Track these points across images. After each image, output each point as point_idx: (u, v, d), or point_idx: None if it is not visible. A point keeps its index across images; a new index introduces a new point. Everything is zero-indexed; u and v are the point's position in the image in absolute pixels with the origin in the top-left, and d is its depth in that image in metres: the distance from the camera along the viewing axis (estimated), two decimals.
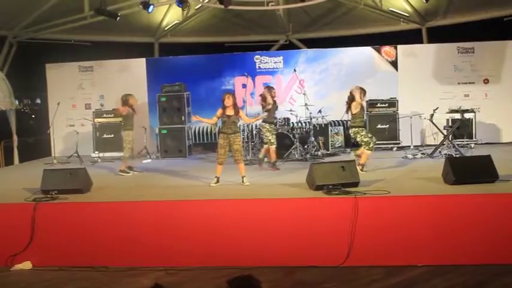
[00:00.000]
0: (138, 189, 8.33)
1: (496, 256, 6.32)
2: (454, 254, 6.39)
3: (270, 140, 9.97)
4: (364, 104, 9.58)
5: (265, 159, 10.21)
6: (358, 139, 9.27)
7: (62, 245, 6.93)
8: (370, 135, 9.38)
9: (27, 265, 6.88)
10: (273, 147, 9.98)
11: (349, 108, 9.28)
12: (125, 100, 10.08)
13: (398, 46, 13.38)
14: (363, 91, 9.24)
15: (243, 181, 8.42)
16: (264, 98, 10.21)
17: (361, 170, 8.74)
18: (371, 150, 9.17)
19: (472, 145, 11.90)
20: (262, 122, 10.08)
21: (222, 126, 8.55)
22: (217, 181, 8.44)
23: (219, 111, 8.48)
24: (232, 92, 9.55)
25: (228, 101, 8.40)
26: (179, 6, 12.74)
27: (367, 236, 6.51)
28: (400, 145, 12.36)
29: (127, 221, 6.96)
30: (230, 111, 8.43)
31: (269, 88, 10.37)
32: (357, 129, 9.22)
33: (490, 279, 5.88)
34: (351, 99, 9.25)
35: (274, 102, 10.15)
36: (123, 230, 6.90)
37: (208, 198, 7.38)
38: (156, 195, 7.78)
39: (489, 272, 6.03)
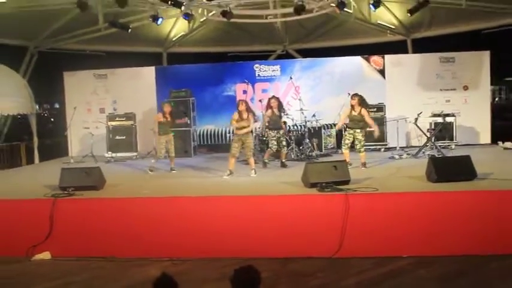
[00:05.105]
0: (148, 186, 8.28)
1: (476, 247, 6.28)
2: (437, 246, 6.36)
3: (271, 145, 10.15)
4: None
5: (267, 161, 10.25)
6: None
7: (78, 237, 6.89)
8: (344, 135, 9.62)
9: (46, 255, 6.85)
10: (269, 150, 10.24)
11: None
12: (161, 108, 10.09)
13: (386, 56, 13.37)
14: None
15: (252, 173, 8.92)
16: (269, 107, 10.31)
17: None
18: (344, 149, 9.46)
19: (453, 146, 11.87)
20: (266, 128, 10.28)
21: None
22: (230, 173, 8.89)
23: (236, 115, 8.93)
24: (244, 100, 9.71)
25: (242, 106, 8.94)
26: (185, 19, 12.72)
27: (357, 229, 6.48)
28: (387, 146, 12.33)
29: (137, 216, 6.93)
30: (244, 115, 8.91)
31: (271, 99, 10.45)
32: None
33: (470, 269, 5.86)
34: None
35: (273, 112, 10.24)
36: (133, 223, 6.88)
37: (212, 195, 7.35)
38: (164, 192, 7.75)
39: (470, 262, 6.01)
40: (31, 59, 13.70)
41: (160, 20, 12.12)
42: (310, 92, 13.44)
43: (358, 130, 9.34)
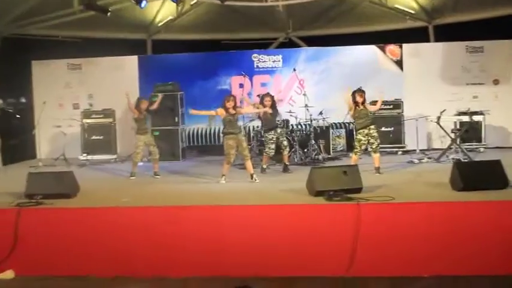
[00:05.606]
0: (128, 194, 8.26)
1: (508, 266, 6.23)
2: (463, 264, 6.31)
3: (267, 149, 10.14)
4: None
5: (265, 167, 10.23)
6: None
7: (47, 253, 6.84)
8: (357, 140, 9.64)
9: (9, 274, 6.77)
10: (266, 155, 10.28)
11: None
12: (137, 104, 10.16)
13: (404, 45, 13.38)
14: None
15: (252, 178, 9.04)
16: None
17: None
18: (354, 154, 9.55)
19: (481, 149, 11.90)
20: (264, 132, 10.33)
21: (229, 126, 9.05)
22: (224, 179, 9.10)
23: (221, 110, 9.08)
24: (235, 96, 9.66)
25: (231, 103, 9.04)
26: (173, 2, 12.71)
27: (371, 245, 6.45)
28: (405, 149, 12.33)
29: (115, 228, 6.89)
30: (233, 111, 9.07)
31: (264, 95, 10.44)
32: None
33: None
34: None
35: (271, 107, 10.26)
36: (110, 237, 6.83)
37: (202, 203, 7.33)
38: (146, 200, 7.75)
39: (500, 283, 5.96)
40: None
41: (144, 2, 12.14)
42: (317, 86, 13.46)
43: (373, 126, 9.49)
